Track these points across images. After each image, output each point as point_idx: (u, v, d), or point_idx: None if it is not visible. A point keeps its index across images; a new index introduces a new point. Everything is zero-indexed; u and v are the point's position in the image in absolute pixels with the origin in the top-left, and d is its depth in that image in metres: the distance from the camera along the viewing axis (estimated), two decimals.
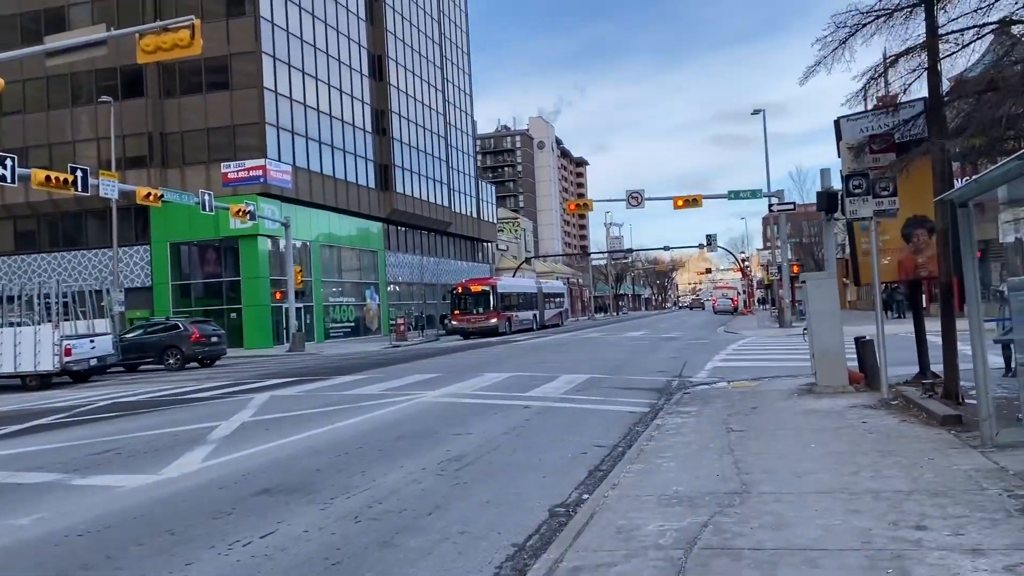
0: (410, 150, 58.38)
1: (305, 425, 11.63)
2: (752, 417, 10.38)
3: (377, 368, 22.93)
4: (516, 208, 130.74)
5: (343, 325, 50.46)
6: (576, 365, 20.59)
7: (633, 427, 10.77)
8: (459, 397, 14.29)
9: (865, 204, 10.58)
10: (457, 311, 45.29)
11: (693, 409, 11.46)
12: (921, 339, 12.66)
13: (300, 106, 46.06)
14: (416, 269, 60.27)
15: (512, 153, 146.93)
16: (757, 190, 38.64)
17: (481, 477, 7.94)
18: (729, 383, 15.48)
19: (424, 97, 61.89)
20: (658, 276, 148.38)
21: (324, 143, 48.32)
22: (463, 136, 71.00)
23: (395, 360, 26.65)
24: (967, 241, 7.48)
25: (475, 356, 26.81)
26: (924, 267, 12.05)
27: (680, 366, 19.32)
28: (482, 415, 12.07)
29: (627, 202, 38.76)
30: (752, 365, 18.71)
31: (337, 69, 50.42)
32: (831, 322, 12.37)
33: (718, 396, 12.95)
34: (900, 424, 9.04)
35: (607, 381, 16.49)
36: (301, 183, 45.45)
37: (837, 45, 9.78)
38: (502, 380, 17.14)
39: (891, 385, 11.95)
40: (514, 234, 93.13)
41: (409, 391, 15.57)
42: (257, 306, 42.26)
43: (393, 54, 56.88)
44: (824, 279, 12.60)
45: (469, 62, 74.37)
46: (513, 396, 14.22)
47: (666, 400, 13.22)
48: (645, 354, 24.16)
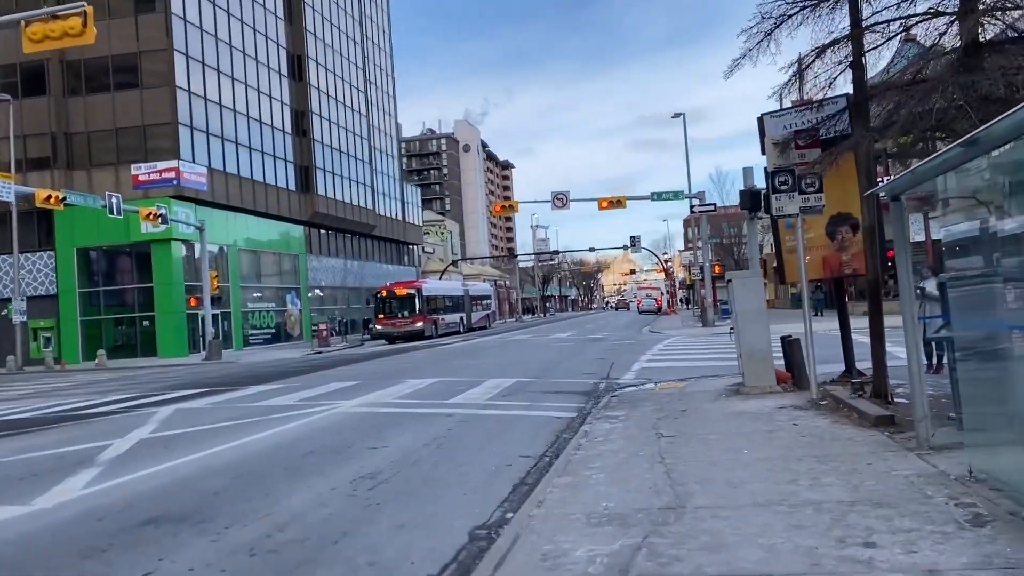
0: (332, 152, 57.02)
1: (208, 441, 10.77)
2: (681, 421, 10.02)
3: (295, 376, 21.96)
4: (442, 211, 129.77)
5: (263, 332, 48.83)
6: (503, 369, 20.08)
7: (560, 434, 10.29)
8: (378, 406, 13.57)
9: (791, 201, 10.35)
10: (382, 315, 44.24)
11: (621, 413, 11.05)
12: (846, 337, 12.56)
13: (215, 106, 44.36)
14: (339, 273, 58.90)
15: (438, 156, 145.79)
16: (679, 191, 38.91)
17: (396, 496, 7.31)
18: (656, 384, 15.20)
19: (346, 98, 60.59)
20: (584, 277, 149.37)
21: (241, 144, 46.69)
22: (386, 138, 69.84)
23: (315, 367, 25.65)
24: (901, 237, 7.22)
25: (399, 361, 26.04)
26: (849, 264, 11.93)
27: (607, 367, 19.00)
28: (401, 426, 11.41)
29: (552, 203, 38.55)
30: (678, 365, 18.52)
31: (255, 68, 48.81)
32: (758, 322, 12.15)
33: (646, 398, 12.60)
34: (832, 426, 8.77)
35: (534, 385, 16.02)
36: (217, 185, 43.77)
37: (763, 37, 9.49)
38: (425, 387, 16.48)
39: (819, 384, 11.81)
40: (440, 237, 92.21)
41: (326, 401, 14.77)
42: (171, 313, 40.44)
43: (313, 54, 55.47)
44: (750, 278, 12.39)
45: (392, 64, 73.29)
46: (436, 404, 13.59)
47: (594, 404, 12.81)
48: (572, 356, 23.82)
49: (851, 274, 12.17)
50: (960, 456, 6.78)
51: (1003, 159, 5.14)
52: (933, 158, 5.86)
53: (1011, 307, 7.43)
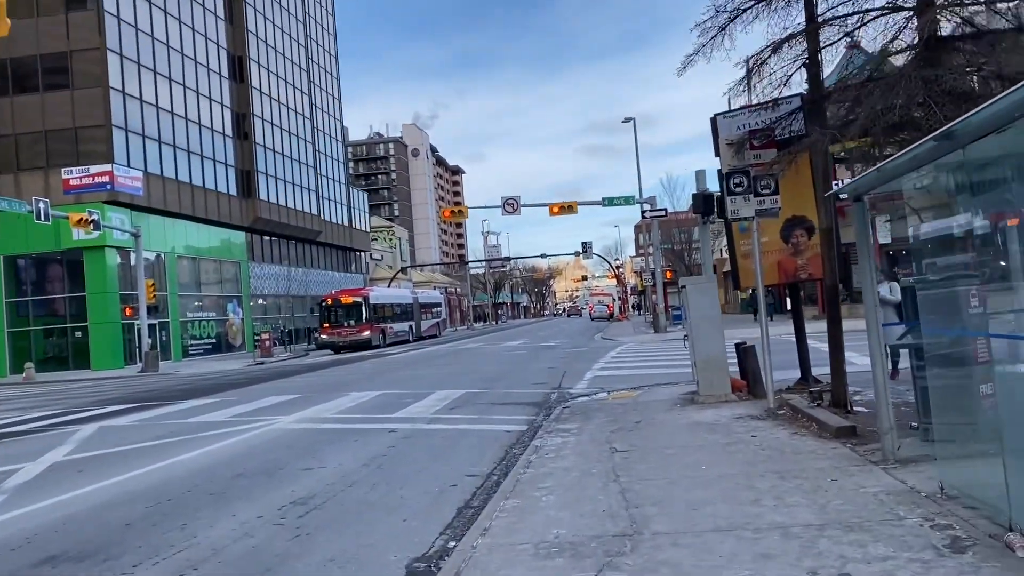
0: (275, 155, 55.68)
1: (130, 464, 9.96)
2: (636, 433, 9.56)
3: (233, 389, 21.02)
4: (391, 217, 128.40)
5: (203, 342, 47.31)
6: (452, 379, 19.47)
7: (510, 449, 9.76)
8: (317, 422, 12.86)
9: (747, 203, 9.99)
10: (327, 324, 43.09)
11: (574, 426, 10.56)
12: (802, 343, 12.28)
13: (152, 108, 42.88)
14: (283, 281, 57.54)
15: (386, 160, 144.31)
16: (630, 197, 38.75)
17: (329, 524, 6.68)
18: (609, 394, 14.79)
19: (289, 101, 59.31)
20: (536, 284, 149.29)
21: (180, 148, 45.21)
22: (332, 141, 68.61)
23: (255, 379, 24.69)
24: (863, 239, 6.86)
25: (343, 372, 25.21)
26: (804, 269, 11.64)
27: (559, 377, 18.54)
28: (341, 443, 10.73)
29: (503, 209, 38.05)
30: (631, 373, 18.15)
31: (194, 70, 47.37)
32: (712, 328, 11.79)
33: (599, 409, 12.14)
34: (792, 438, 8.39)
35: (483, 396, 15.46)
36: (154, 190, 42.28)
37: (716, 32, 9.12)
38: (369, 400, 15.79)
39: (775, 392, 11.49)
40: (389, 243, 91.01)
41: (262, 416, 13.99)
42: (105, 324, 38.82)
43: (255, 55, 54.15)
44: (704, 284, 12.03)
45: (337, 66, 72.06)
46: (379, 419, 12.93)
47: (545, 416, 12.32)
48: (524, 365, 23.32)
49: (807, 279, 11.90)
50: (928, 470, 6.42)
51: (980, 153, 4.77)
52: (903, 154, 5.47)
53: (978, 312, 7.15)
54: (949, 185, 5.87)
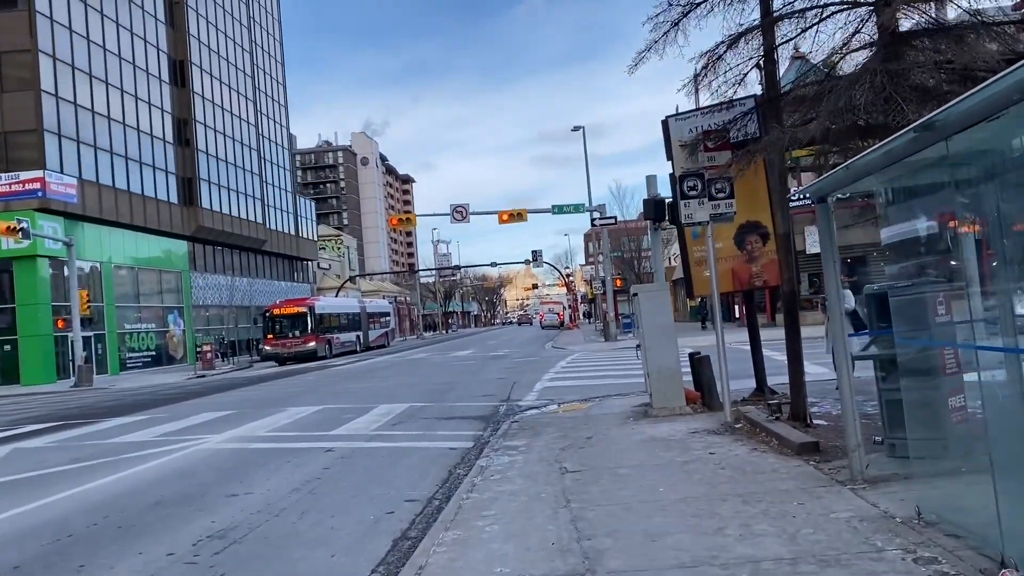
0: (218, 163, 54.16)
1: (36, 492, 9.07)
2: (588, 451, 9.01)
3: (167, 405, 19.97)
4: (340, 225, 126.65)
5: (143, 354, 45.62)
6: (396, 392, 18.74)
7: (454, 470, 9.13)
8: (250, 441, 12.04)
9: (701, 207, 9.54)
10: (271, 335, 41.81)
11: (522, 443, 9.97)
12: (757, 353, 11.90)
13: (88, 113, 41.25)
14: (227, 291, 55.91)
15: (335, 169, 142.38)
16: (580, 205, 38.50)
17: (248, 563, 5.97)
18: (560, 406, 14.26)
19: (233, 107, 57.84)
20: (487, 293, 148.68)
21: (117, 154, 43.59)
22: (278, 149, 67.16)
23: (193, 393, 23.60)
24: (828, 242, 6.42)
25: (285, 386, 24.26)
26: (759, 276, 11.26)
27: (508, 388, 17.95)
28: (273, 465, 9.97)
29: (452, 216, 37.47)
30: (582, 384, 17.66)
31: (132, 74, 45.78)
32: (666, 338, 11.32)
33: (549, 423, 11.58)
34: (752, 455, 7.92)
35: (429, 410, 14.78)
36: (90, 198, 40.65)
37: (670, 27, 8.67)
38: (308, 415, 14.99)
39: (731, 403, 11.07)
40: (337, 252, 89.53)
41: (192, 435, 13.10)
42: (36, 336, 37.07)
43: (197, 60, 52.66)
44: (657, 291, 11.57)
45: (283, 72, 70.66)
46: (317, 436, 12.18)
47: (493, 431, 11.71)
48: (472, 375, 22.67)
49: (762, 286, 11.52)
50: (900, 490, 5.99)
51: (966, 146, 4.32)
52: (876, 149, 5.02)
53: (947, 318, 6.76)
54: (924, 184, 5.45)
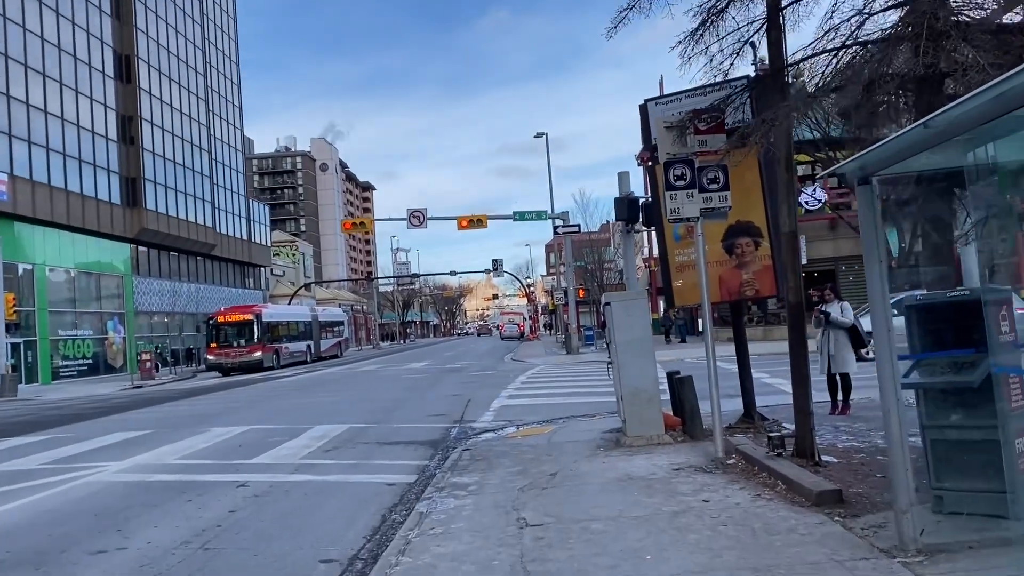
0: (164, 163, 51.64)
1: None
2: (552, 493, 7.40)
3: (85, 421, 17.92)
4: (298, 232, 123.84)
5: (78, 363, 42.97)
6: (338, 410, 16.96)
7: (389, 514, 7.49)
8: (153, 471, 10.19)
9: (690, 201, 8.03)
10: (215, 344, 39.51)
11: (473, 479, 8.34)
12: (744, 372, 10.43)
13: (21, 105, 38.71)
14: (172, 297, 53.38)
15: (293, 175, 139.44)
16: (542, 212, 37.08)
17: None
18: (519, 428, 12.69)
19: (183, 105, 55.37)
20: (446, 302, 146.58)
21: (54, 150, 41.03)
22: (231, 151, 64.65)
23: (118, 407, 21.50)
24: (871, 231, 4.91)
25: (220, 400, 22.27)
26: (751, 285, 9.81)
27: (463, 407, 16.28)
28: (168, 506, 8.19)
29: (409, 221, 35.73)
30: (544, 403, 16.07)
31: (72, 66, 43.26)
32: (642, 354, 9.78)
33: (506, 452, 9.96)
34: (757, 504, 6.37)
35: (370, 433, 13.06)
36: (21, 195, 38.07)
37: None
38: (231, 438, 13.15)
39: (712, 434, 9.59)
40: (292, 258, 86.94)
41: (90, 462, 11.20)
42: None
43: (144, 55, 50.19)
44: (632, 300, 10.02)
45: (238, 72, 68.23)
46: (233, 466, 10.39)
47: (441, 461, 10.08)
48: (424, 391, 20.94)
49: (754, 296, 10.06)
50: (971, 567, 4.48)
51: None
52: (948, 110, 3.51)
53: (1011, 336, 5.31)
54: None
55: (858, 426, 9.98)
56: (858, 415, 10.91)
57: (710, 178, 7.98)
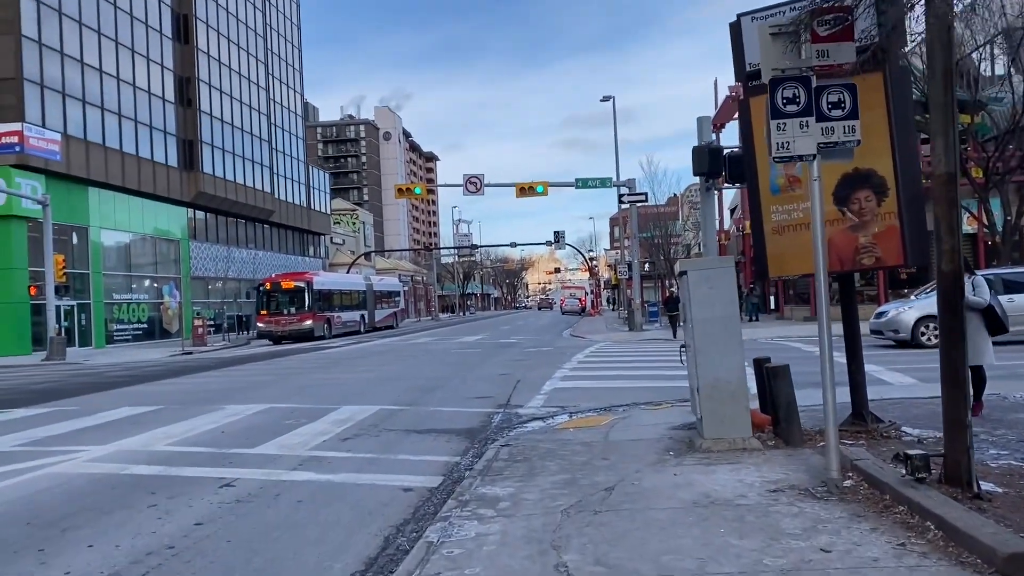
0: (223, 126, 50.87)
1: None
2: (607, 523, 5.52)
3: (102, 391, 16.73)
4: (360, 201, 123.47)
5: (133, 327, 42.66)
6: (374, 388, 15.34)
7: (392, 540, 5.72)
8: (134, 461, 8.61)
9: (803, 133, 5.95)
10: (264, 311, 38.27)
11: (507, 490, 6.53)
12: (855, 361, 8.30)
13: (76, 63, 38.05)
14: (230, 263, 52.87)
15: (356, 143, 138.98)
16: (606, 179, 34.85)
17: None
18: (572, 417, 10.88)
19: (242, 68, 54.49)
20: (508, 275, 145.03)
21: (109, 110, 40.39)
22: (290, 115, 63.76)
23: (148, 377, 20.36)
24: None
25: (255, 371, 20.93)
26: (870, 251, 7.67)
27: (511, 388, 14.49)
28: (121, 514, 6.56)
29: (464, 187, 33.98)
30: (602, 386, 14.17)
31: (128, 24, 42.50)
32: (727, 337, 7.76)
33: (552, 452, 8.10)
34: (905, 562, 4.36)
35: (401, 417, 11.36)
36: (76, 156, 37.52)
37: None
38: (242, 419, 11.59)
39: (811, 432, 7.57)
40: (353, 227, 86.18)
41: (68, 445, 9.72)
42: (10, 303, 34.06)
43: (203, 15, 49.29)
44: (716, 269, 7.97)
45: (299, 35, 67.13)
46: (227, 456, 8.76)
47: (474, 458, 8.32)
48: (472, 368, 19.21)
49: (874, 266, 7.90)
50: None
51: None
52: None
53: None
54: None
55: (1002, 433, 7.82)
56: (993, 417, 8.73)
57: (832, 102, 5.89)
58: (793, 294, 37.96)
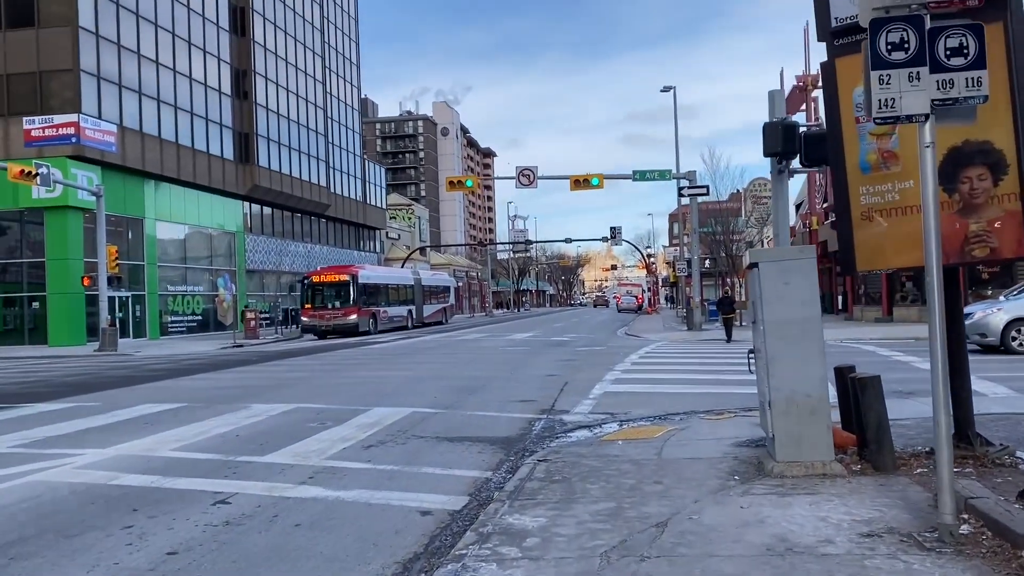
0: (278, 119, 50.80)
1: None
2: (657, 569, 4.40)
3: (132, 385, 16.16)
4: (417, 196, 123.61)
5: (187, 319, 42.79)
6: (411, 388, 14.40)
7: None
8: (124, 470, 7.72)
9: (913, 87, 4.71)
10: (309, 305, 37.56)
11: (538, 522, 5.46)
12: (959, 373, 6.98)
13: (132, 55, 38.17)
14: (285, 256, 52.82)
15: (414, 139, 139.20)
16: (666, 171, 33.33)
17: None
18: (622, 426, 9.78)
19: (299, 60, 54.39)
20: (563, 272, 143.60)
21: (165, 102, 40.49)
22: (347, 109, 63.59)
23: (186, 370, 19.84)
24: None
25: (293, 367, 20.22)
26: (984, 240, 6.36)
27: (557, 391, 13.40)
28: (88, 538, 5.66)
29: (517, 180, 32.90)
30: (657, 390, 12.98)
31: (185, 16, 42.57)
32: (805, 342, 6.54)
33: (596, 472, 7.01)
34: None
35: (434, 422, 10.37)
36: (131, 148, 37.64)
37: None
38: (261, 420, 10.73)
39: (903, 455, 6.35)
40: (408, 222, 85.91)
41: (65, 448, 8.94)
42: (65, 294, 34.29)
43: (259, 6, 49.23)
44: (793, 261, 6.75)
45: (356, 28, 66.93)
46: (233, 466, 7.86)
47: (507, 474, 7.29)
48: (519, 367, 18.16)
49: (988, 257, 6.58)
50: None
51: None
52: None
53: None
54: None
55: None
56: None
57: (951, 47, 4.65)
58: (863, 293, 35.91)
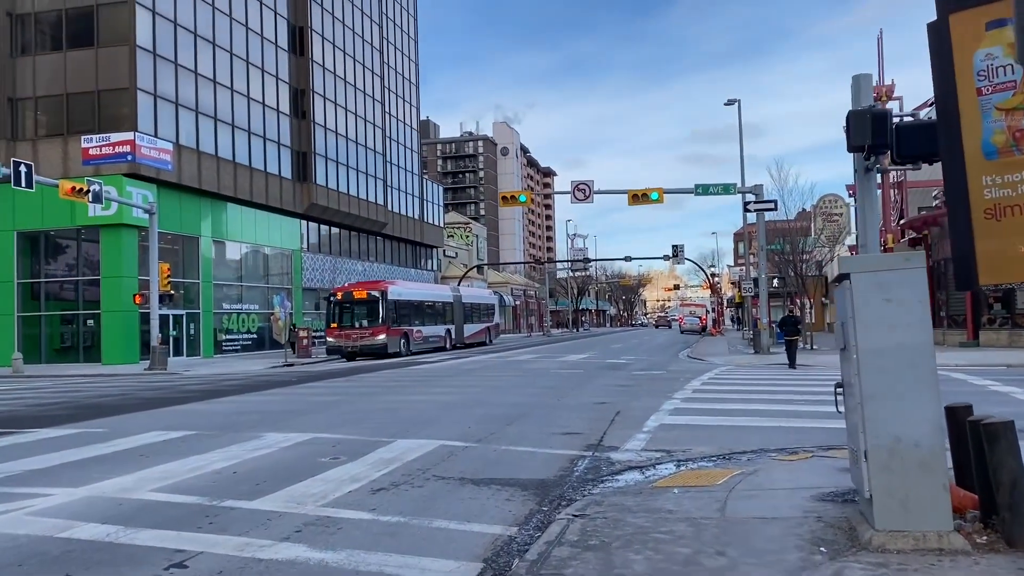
0: (336, 138, 50.60)
1: None
2: None
3: (158, 408, 15.32)
4: (477, 215, 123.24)
5: (242, 337, 42.50)
6: (442, 415, 13.13)
7: None
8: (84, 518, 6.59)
9: None
10: (335, 324, 34.89)
11: None
12: None
13: (190, 74, 38.25)
14: (341, 274, 52.41)
15: (474, 159, 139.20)
16: (731, 184, 31.60)
17: None
18: (679, 468, 8.39)
19: (357, 80, 54.26)
20: (624, 291, 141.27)
21: (222, 121, 40.50)
22: (405, 128, 63.32)
23: (220, 392, 18.99)
24: None
25: (322, 391, 19.11)
26: None
27: (607, 421, 11.98)
28: None
29: (572, 194, 31.59)
30: (722, 423, 11.46)
31: (243, 35, 42.66)
32: (915, 377, 5.06)
33: (643, 534, 5.63)
34: None
35: (462, 458, 9.08)
36: (187, 166, 37.61)
37: None
38: (271, 453, 9.58)
39: None
40: (465, 240, 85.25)
41: (41, 485, 7.92)
42: (119, 312, 34.18)
43: (319, 27, 49.24)
44: (896, 272, 5.28)
45: (416, 48, 66.80)
46: (212, 513, 6.69)
47: (535, 530, 5.96)
48: (566, 393, 16.74)
49: None
50: None
51: None
52: None
53: None
54: None
55: None
56: None
57: None
58: (945, 315, 33.40)
